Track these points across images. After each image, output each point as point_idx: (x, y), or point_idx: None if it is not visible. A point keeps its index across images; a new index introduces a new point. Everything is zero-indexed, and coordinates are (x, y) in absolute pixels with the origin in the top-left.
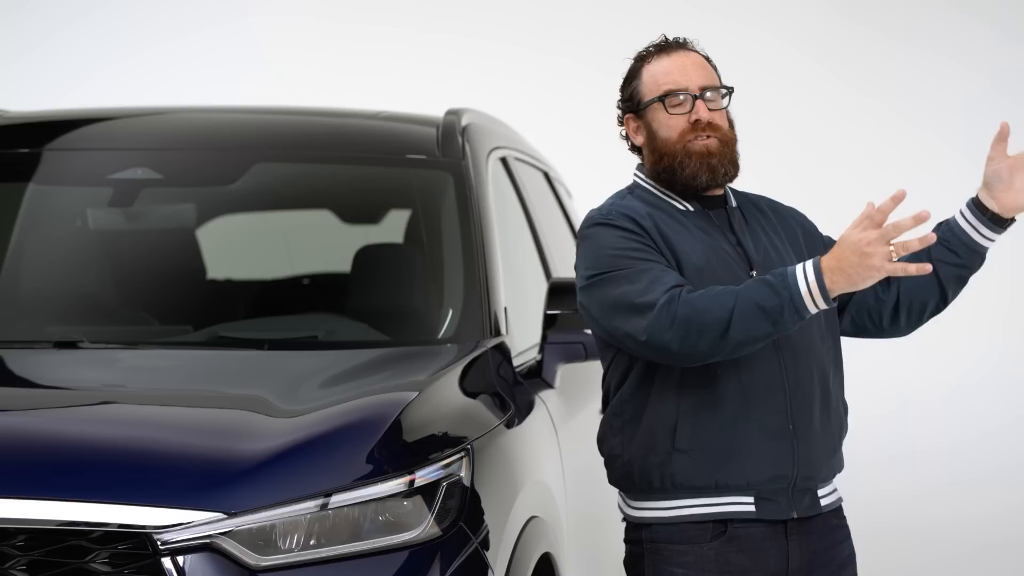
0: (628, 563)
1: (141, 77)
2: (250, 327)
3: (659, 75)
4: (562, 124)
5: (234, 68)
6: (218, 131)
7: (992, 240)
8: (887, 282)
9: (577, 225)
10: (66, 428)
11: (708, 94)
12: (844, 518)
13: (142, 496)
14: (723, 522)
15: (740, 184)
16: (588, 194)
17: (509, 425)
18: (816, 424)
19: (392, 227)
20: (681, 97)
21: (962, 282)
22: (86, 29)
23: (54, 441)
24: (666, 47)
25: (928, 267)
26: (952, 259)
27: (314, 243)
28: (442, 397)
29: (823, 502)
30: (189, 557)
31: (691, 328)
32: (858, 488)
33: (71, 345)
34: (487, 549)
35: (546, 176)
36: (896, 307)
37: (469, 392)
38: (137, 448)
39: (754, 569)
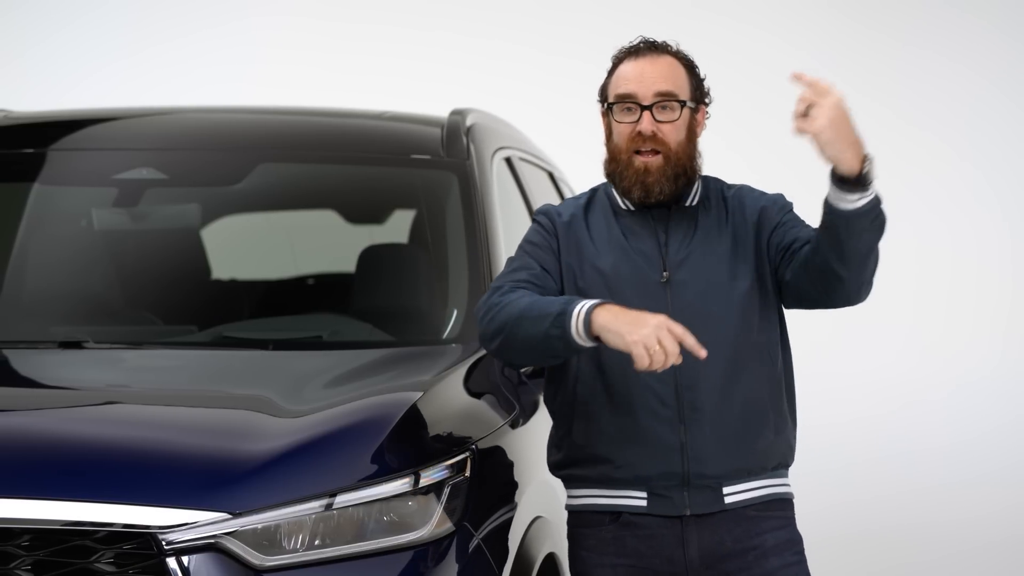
0: None
1: (141, 77)
2: (254, 327)
3: (620, 79)
4: (567, 124)
5: (235, 68)
6: (222, 131)
7: (854, 202)
8: (790, 258)
9: None
10: (71, 428)
11: (659, 105)
12: (778, 510)
13: (147, 496)
14: (617, 513)
15: (744, 177)
16: None
17: (513, 425)
18: (714, 421)
19: (396, 227)
20: (629, 106)
21: (838, 241)
22: (86, 29)
23: (59, 441)
24: (637, 50)
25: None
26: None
27: (318, 243)
28: (447, 397)
29: (729, 500)
30: (194, 557)
31: (487, 319)
32: (858, 488)
33: (76, 345)
34: (492, 549)
35: (551, 176)
36: (809, 272)
37: (473, 392)
38: (142, 448)
39: (650, 555)
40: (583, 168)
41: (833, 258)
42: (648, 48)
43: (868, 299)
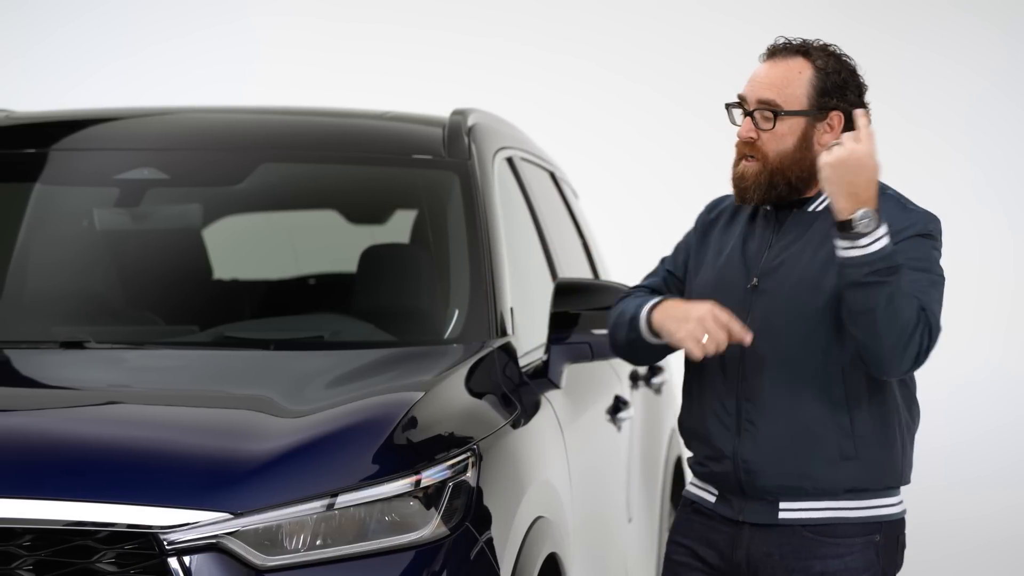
0: None
1: (141, 77)
2: (256, 327)
3: (748, 79)
4: (568, 124)
5: (236, 68)
6: (224, 131)
7: (843, 249)
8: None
9: (583, 225)
10: (72, 428)
11: (760, 112)
12: (841, 536)
13: (148, 496)
14: (693, 501)
15: None
16: (594, 194)
17: (515, 425)
18: (767, 435)
19: (398, 227)
20: (735, 112)
21: (854, 312)
22: (86, 29)
23: (60, 441)
24: (771, 50)
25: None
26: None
27: (320, 243)
28: (448, 397)
29: (783, 515)
30: (195, 557)
31: (608, 327)
32: None
33: (77, 345)
34: (493, 549)
35: (552, 176)
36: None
37: (475, 392)
38: (143, 448)
39: (708, 545)
40: (584, 168)
41: (843, 309)
42: (780, 49)
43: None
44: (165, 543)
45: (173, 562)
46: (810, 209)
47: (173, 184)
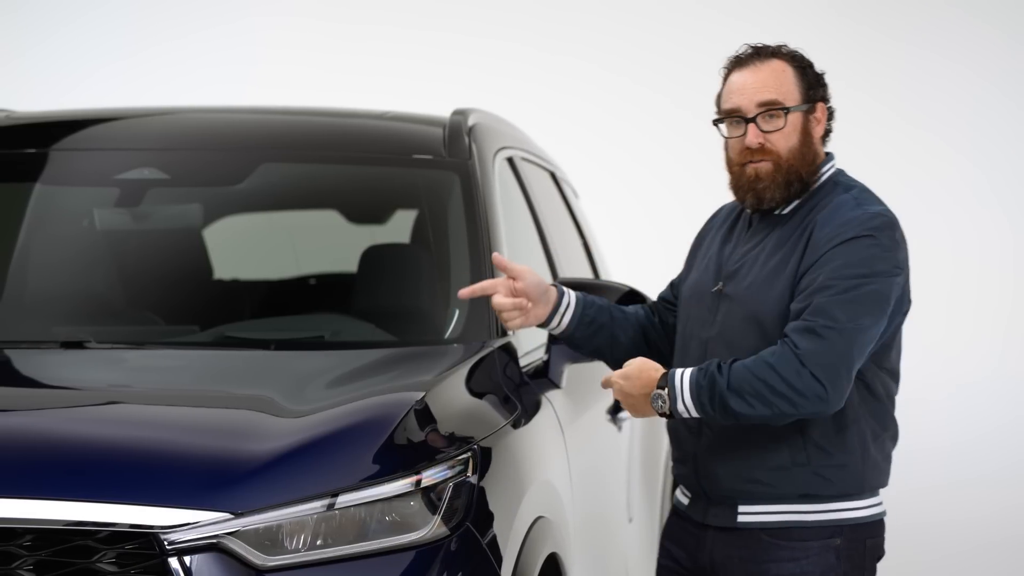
0: None
1: (141, 77)
2: (256, 327)
3: (726, 92)
4: (569, 124)
5: (236, 68)
6: (224, 131)
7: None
8: None
9: (584, 225)
10: (73, 428)
11: (764, 115)
12: (796, 539)
13: (149, 496)
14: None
15: None
16: (595, 194)
17: (515, 425)
18: (723, 438)
19: (399, 227)
20: (736, 120)
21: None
22: (86, 29)
23: (61, 441)
24: (741, 60)
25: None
26: None
27: (320, 243)
28: (449, 397)
29: (742, 519)
30: (196, 557)
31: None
32: None
33: (78, 345)
34: (494, 549)
35: (553, 176)
36: None
37: (475, 392)
38: (144, 448)
39: (681, 547)
40: (584, 168)
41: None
42: (753, 55)
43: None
44: (165, 543)
45: (173, 562)
46: (777, 212)
47: (173, 184)
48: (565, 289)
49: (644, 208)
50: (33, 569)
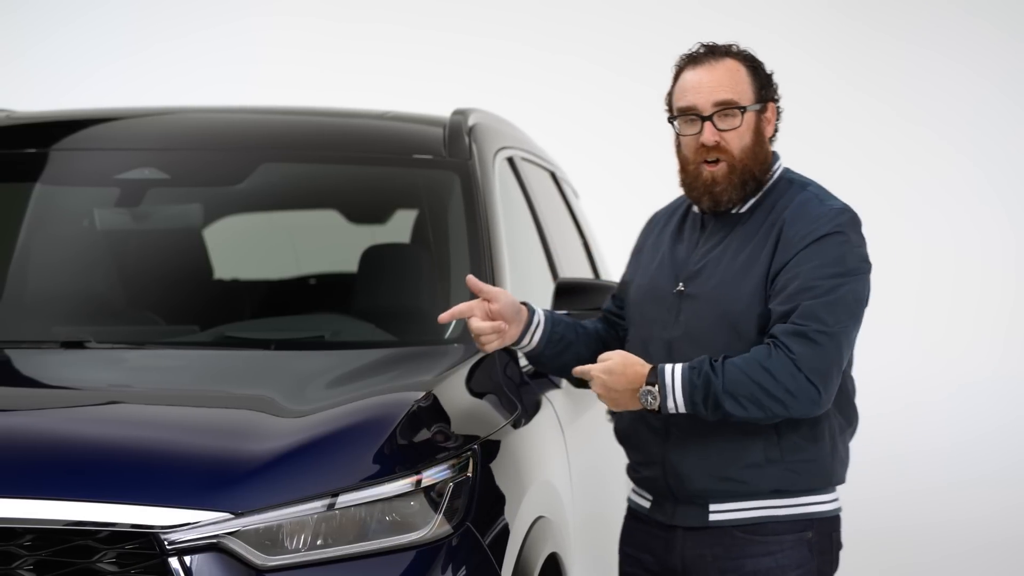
0: None
1: (141, 77)
2: (257, 327)
3: (680, 90)
4: (569, 124)
5: (236, 68)
6: (225, 131)
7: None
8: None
9: (584, 225)
10: (73, 428)
11: (720, 113)
12: (770, 534)
13: (149, 496)
14: (632, 508)
15: None
16: (595, 194)
17: (516, 425)
18: (694, 438)
19: (399, 227)
20: (691, 118)
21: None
22: (86, 29)
23: (61, 441)
24: (695, 58)
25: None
26: None
27: (321, 243)
28: (449, 397)
29: (713, 517)
30: (196, 557)
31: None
32: (859, 488)
33: (78, 345)
34: (494, 549)
35: (553, 176)
36: None
37: (476, 392)
38: (144, 448)
39: (647, 551)
40: (584, 168)
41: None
42: (707, 54)
43: (869, 298)
44: (166, 543)
45: (174, 562)
46: (734, 211)
47: (174, 184)
48: (536, 308)
49: (644, 208)
50: (33, 569)
